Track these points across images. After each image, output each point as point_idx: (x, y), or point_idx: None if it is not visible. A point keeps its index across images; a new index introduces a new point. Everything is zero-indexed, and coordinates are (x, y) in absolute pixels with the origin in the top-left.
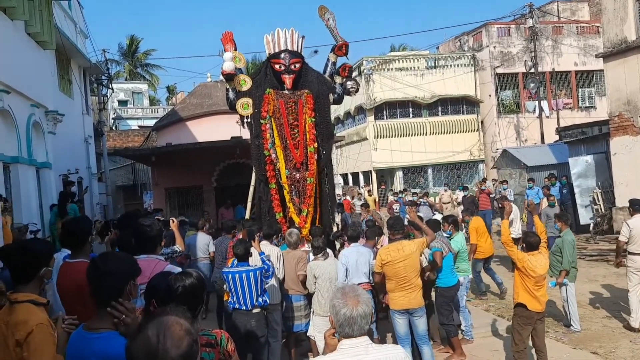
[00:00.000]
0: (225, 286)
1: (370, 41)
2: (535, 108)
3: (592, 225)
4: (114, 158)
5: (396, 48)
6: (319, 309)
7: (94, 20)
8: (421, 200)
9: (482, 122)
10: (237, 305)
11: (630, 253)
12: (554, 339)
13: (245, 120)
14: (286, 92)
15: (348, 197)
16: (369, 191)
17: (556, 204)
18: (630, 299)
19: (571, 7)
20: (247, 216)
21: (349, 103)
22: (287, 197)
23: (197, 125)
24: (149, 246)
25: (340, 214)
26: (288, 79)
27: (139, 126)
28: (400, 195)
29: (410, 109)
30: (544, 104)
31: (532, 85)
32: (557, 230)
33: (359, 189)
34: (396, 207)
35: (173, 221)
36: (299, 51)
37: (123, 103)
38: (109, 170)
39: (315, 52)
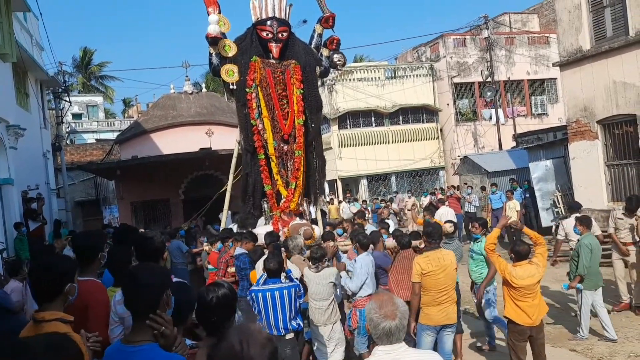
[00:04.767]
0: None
1: None
2: (491, 116)
3: (553, 227)
4: (71, 173)
5: (356, 59)
6: (314, 319)
7: (47, 32)
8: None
9: (441, 130)
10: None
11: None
12: None
13: (230, 87)
14: (273, 61)
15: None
16: (331, 199)
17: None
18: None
19: (522, 18)
20: (222, 226)
21: None
22: (275, 169)
23: (162, 137)
24: (153, 259)
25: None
26: (275, 48)
27: (96, 140)
28: (369, 203)
29: (373, 118)
30: (500, 111)
31: (489, 93)
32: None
33: (325, 197)
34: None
35: None
36: (287, 19)
37: (77, 116)
38: (67, 186)
39: (304, 21)
